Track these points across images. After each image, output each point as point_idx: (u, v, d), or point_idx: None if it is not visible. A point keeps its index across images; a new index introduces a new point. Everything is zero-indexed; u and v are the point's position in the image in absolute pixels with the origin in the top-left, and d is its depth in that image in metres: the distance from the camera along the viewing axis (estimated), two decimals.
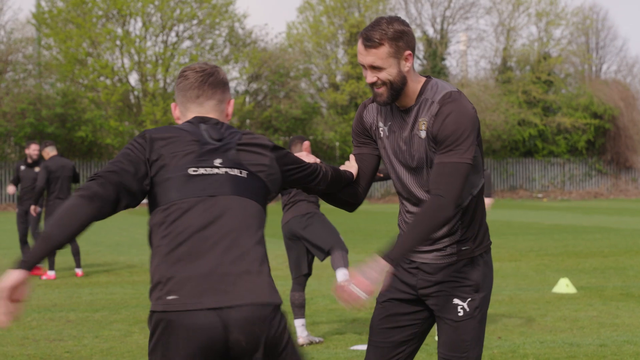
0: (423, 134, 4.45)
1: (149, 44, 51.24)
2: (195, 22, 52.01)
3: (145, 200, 4.01)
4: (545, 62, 57.28)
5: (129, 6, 49.97)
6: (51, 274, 15.48)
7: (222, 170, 3.86)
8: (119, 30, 50.64)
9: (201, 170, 3.84)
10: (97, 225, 29.48)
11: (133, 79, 52.17)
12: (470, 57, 65.99)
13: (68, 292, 13.52)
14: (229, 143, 3.95)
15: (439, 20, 58.30)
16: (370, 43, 4.38)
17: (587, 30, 61.37)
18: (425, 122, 4.45)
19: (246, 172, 3.89)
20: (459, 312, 4.54)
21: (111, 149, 49.94)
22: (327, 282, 13.96)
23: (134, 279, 15.13)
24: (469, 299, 4.54)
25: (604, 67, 63.07)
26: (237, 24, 53.41)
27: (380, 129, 4.61)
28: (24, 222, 16.73)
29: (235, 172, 3.87)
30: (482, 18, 61.08)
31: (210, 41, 52.12)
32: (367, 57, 4.41)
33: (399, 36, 4.39)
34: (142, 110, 50.34)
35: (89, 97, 49.08)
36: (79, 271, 15.84)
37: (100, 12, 50.43)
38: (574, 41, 60.54)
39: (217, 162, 3.88)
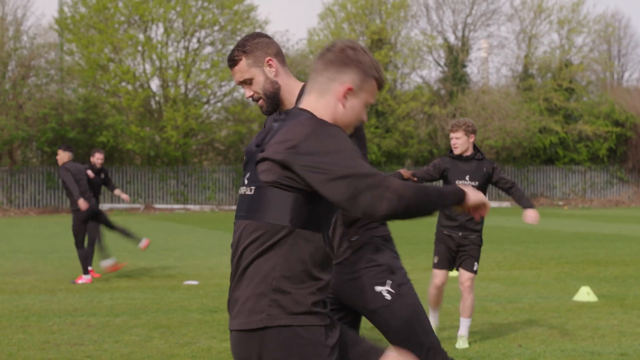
0: None
1: (170, 49, 51.43)
2: (216, 28, 52.17)
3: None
4: (567, 70, 57.10)
5: (150, 12, 50.17)
6: (87, 277, 15.54)
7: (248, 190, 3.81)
8: (141, 36, 50.85)
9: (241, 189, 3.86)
10: None
11: (154, 84, 52.43)
12: (491, 64, 65.74)
13: (89, 296, 13.57)
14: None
15: (460, 27, 58.23)
16: (231, 63, 4.74)
17: (609, 38, 61.16)
18: None
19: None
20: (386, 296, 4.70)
21: (132, 154, 50.14)
22: None
23: (154, 284, 15.16)
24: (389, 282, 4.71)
25: (626, 74, 62.92)
26: (258, 30, 53.45)
27: None
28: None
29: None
30: (504, 25, 61.02)
31: (231, 47, 52.17)
32: (235, 75, 4.75)
33: (254, 47, 4.71)
34: (163, 115, 50.49)
35: (110, 102, 49.29)
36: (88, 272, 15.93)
37: (122, 18, 50.66)
38: (596, 49, 60.33)
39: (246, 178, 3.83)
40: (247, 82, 4.72)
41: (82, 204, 15.66)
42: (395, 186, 3.53)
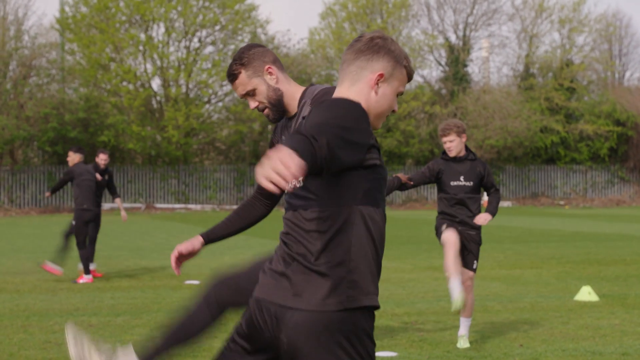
0: None
1: (171, 49, 51.44)
2: (218, 27, 52.17)
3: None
4: (568, 69, 57.09)
5: (152, 12, 50.18)
6: (88, 277, 15.55)
7: None
8: (142, 36, 50.87)
9: None
10: (119, 230, 29.65)
11: (155, 84, 52.42)
12: (492, 64, 65.68)
13: (90, 296, 13.57)
14: None
15: (461, 26, 58.22)
16: (231, 77, 4.75)
17: (610, 37, 61.16)
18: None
19: None
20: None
21: (133, 153, 50.16)
22: None
23: (156, 283, 15.17)
24: None
25: (627, 74, 62.89)
26: (259, 30, 53.55)
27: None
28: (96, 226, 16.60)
29: None
30: (505, 25, 60.95)
31: (232, 47, 52.25)
32: (237, 90, 4.77)
33: (251, 58, 4.74)
34: (164, 115, 50.51)
35: (111, 101, 49.31)
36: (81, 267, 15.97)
37: (123, 18, 50.69)
38: (597, 48, 60.34)
39: None
40: (250, 94, 4.74)
41: (47, 193, 16.70)
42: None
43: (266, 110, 4.75)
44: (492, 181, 9.80)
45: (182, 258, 4.87)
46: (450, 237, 9.49)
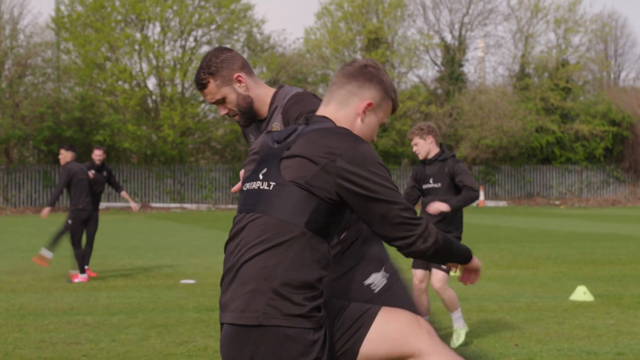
0: None
1: (167, 48, 51.45)
2: (213, 27, 52.16)
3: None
4: (564, 69, 57.14)
5: (147, 11, 50.16)
6: (83, 276, 15.53)
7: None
8: (138, 35, 50.84)
9: None
10: (114, 229, 29.62)
11: (151, 83, 52.45)
12: (488, 64, 65.90)
13: (85, 295, 13.55)
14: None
15: (457, 26, 58.27)
16: (200, 86, 4.69)
17: (605, 38, 61.22)
18: (277, 125, 4.64)
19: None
20: None
21: (129, 153, 50.14)
22: None
23: (151, 282, 15.15)
24: None
25: (623, 74, 63.06)
26: (255, 29, 53.56)
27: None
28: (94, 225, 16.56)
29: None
30: (501, 25, 60.92)
31: (228, 46, 52.18)
32: (206, 97, 4.71)
33: (219, 66, 4.64)
34: (159, 114, 50.49)
35: (107, 101, 49.29)
36: (73, 272, 15.91)
37: (119, 17, 50.66)
38: (593, 48, 60.40)
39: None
40: (219, 102, 4.71)
41: (45, 212, 16.02)
42: (435, 231, 3.71)
43: (236, 117, 4.72)
44: (465, 180, 9.45)
45: None
46: (414, 280, 9.57)
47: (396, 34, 56.29)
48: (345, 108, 3.81)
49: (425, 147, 9.58)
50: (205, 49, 52.22)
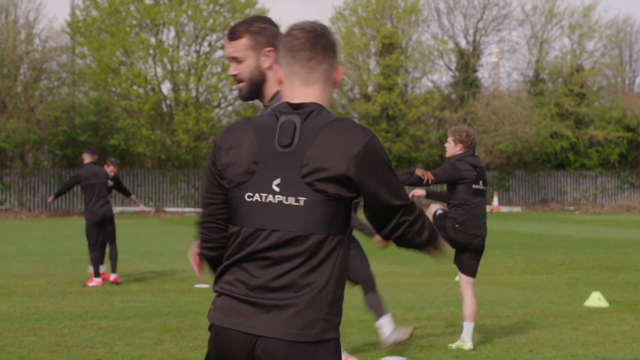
0: None
1: (181, 53, 51.52)
2: None
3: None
4: (578, 75, 57.01)
5: (162, 16, 50.28)
6: (98, 280, 15.58)
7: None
8: (152, 40, 50.96)
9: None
10: (128, 234, 29.66)
11: (165, 88, 52.48)
12: (502, 69, 65.87)
13: (99, 299, 13.59)
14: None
15: (471, 31, 58.18)
16: (231, 35, 4.52)
17: (620, 43, 61.05)
18: None
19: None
20: None
21: (143, 157, 50.24)
22: (357, 293, 13.94)
23: (165, 287, 15.19)
24: None
25: (638, 80, 62.71)
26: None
27: None
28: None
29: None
30: (515, 30, 60.98)
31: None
32: (228, 49, 4.53)
33: (260, 31, 4.51)
34: (174, 119, 50.58)
35: (121, 105, 49.41)
36: (113, 276, 15.92)
37: (134, 22, 50.79)
38: (607, 54, 60.23)
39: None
40: (236, 60, 4.52)
41: (50, 198, 16.93)
42: (430, 224, 3.65)
43: (242, 84, 4.53)
44: (439, 173, 9.62)
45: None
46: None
47: (410, 39, 56.28)
48: (328, 83, 3.62)
49: (451, 150, 9.89)
50: (219, 53, 52.30)
